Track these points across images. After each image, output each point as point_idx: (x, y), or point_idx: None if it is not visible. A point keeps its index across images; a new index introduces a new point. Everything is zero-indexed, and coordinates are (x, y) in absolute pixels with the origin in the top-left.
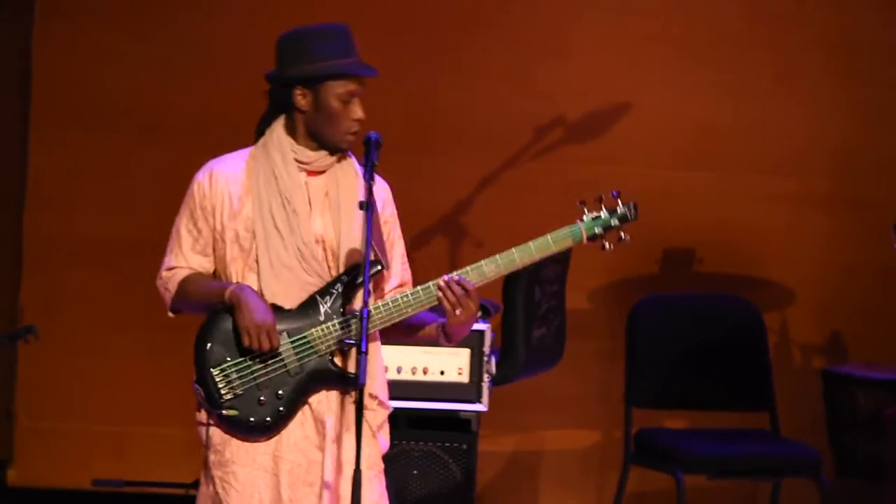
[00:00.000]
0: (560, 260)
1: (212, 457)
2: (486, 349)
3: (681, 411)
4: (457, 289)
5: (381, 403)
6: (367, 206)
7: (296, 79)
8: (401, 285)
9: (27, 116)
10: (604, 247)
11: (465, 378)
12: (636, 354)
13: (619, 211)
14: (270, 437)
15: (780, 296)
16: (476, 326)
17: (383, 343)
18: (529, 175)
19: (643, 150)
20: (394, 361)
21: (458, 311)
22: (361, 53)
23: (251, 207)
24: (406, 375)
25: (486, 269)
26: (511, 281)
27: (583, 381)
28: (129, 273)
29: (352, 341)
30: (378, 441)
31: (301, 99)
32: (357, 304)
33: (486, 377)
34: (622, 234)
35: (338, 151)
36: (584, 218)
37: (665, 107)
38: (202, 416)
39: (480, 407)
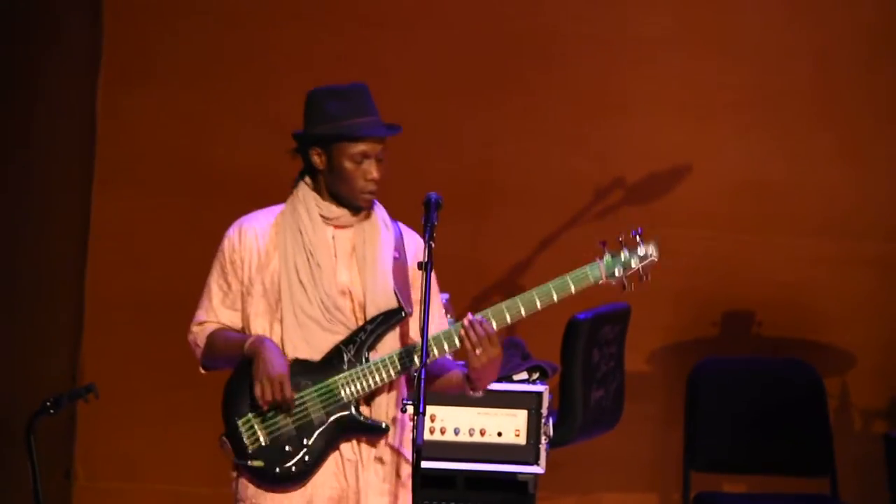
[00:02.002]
0: (619, 321)
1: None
2: (544, 411)
3: (740, 475)
4: (479, 329)
5: (402, 455)
6: (427, 265)
7: (310, 139)
8: None
9: (90, 177)
10: (623, 287)
11: (522, 440)
12: (695, 417)
13: (639, 251)
14: (298, 487)
15: (840, 359)
16: (534, 388)
17: (437, 404)
18: (588, 236)
19: (702, 213)
20: (451, 423)
21: (478, 351)
22: (418, 116)
23: (277, 262)
24: (463, 437)
25: (507, 312)
26: (569, 342)
27: (641, 444)
28: (184, 331)
29: (409, 401)
30: (406, 491)
31: (317, 158)
32: (380, 352)
33: (543, 439)
34: (642, 273)
35: (357, 210)
36: (605, 257)
37: (725, 169)
38: (234, 469)
39: (538, 469)
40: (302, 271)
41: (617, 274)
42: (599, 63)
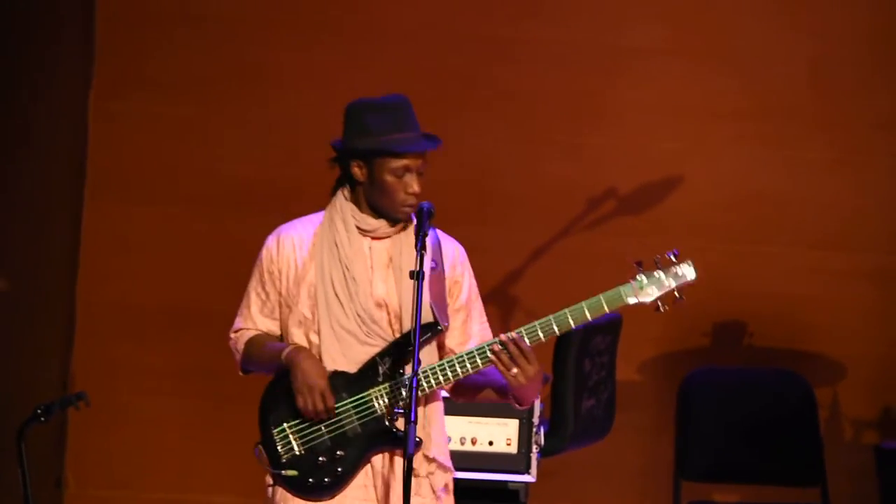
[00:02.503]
0: (610, 331)
1: None
2: (536, 420)
3: (731, 485)
4: (512, 348)
5: (440, 466)
6: (419, 275)
7: (351, 152)
8: None
9: (82, 187)
10: (657, 307)
11: (513, 449)
12: (686, 427)
13: (675, 271)
14: (330, 498)
15: (832, 370)
16: None
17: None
18: (581, 246)
19: (695, 223)
20: None
21: (513, 371)
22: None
23: (314, 274)
24: (454, 445)
25: (540, 330)
26: (561, 351)
27: (632, 453)
28: (180, 342)
29: (400, 410)
30: (442, 503)
31: (357, 171)
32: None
33: (534, 448)
34: (677, 294)
35: (396, 222)
36: (639, 277)
37: (718, 179)
38: (269, 477)
39: (529, 478)
40: (338, 285)
41: (651, 294)
42: (594, 72)
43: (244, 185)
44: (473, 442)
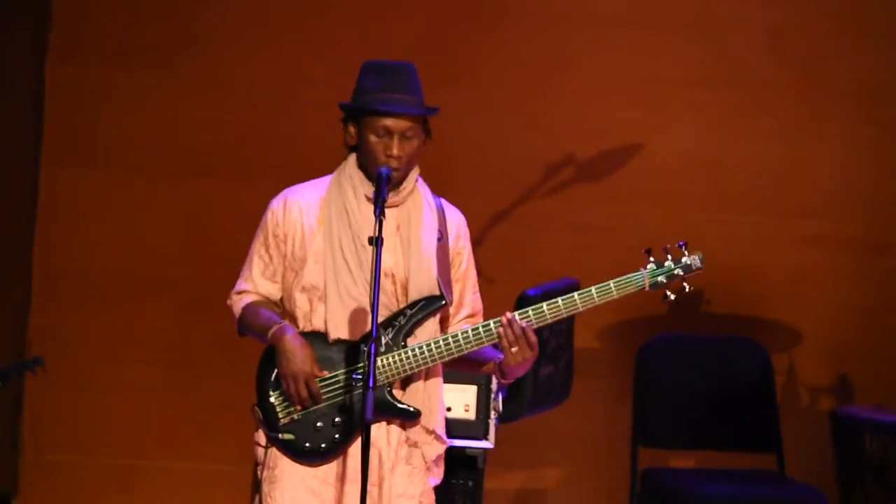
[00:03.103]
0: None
1: (264, 473)
2: (494, 387)
3: (688, 451)
4: (517, 328)
5: (437, 437)
6: (377, 241)
7: (345, 114)
8: (471, 315)
9: (38, 153)
10: (665, 296)
11: (471, 415)
12: (644, 394)
13: (683, 261)
14: (324, 463)
15: (788, 337)
16: None
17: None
18: (541, 213)
19: (654, 191)
20: None
21: (514, 350)
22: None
23: (322, 240)
24: None
25: (547, 312)
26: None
27: (590, 420)
28: (137, 308)
29: (358, 376)
30: (430, 474)
31: (348, 134)
32: (419, 337)
33: (493, 415)
34: (685, 284)
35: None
36: (648, 266)
37: (678, 148)
38: (260, 436)
39: (487, 444)
40: (347, 252)
41: (660, 281)
42: (551, 39)
43: (203, 152)
44: None
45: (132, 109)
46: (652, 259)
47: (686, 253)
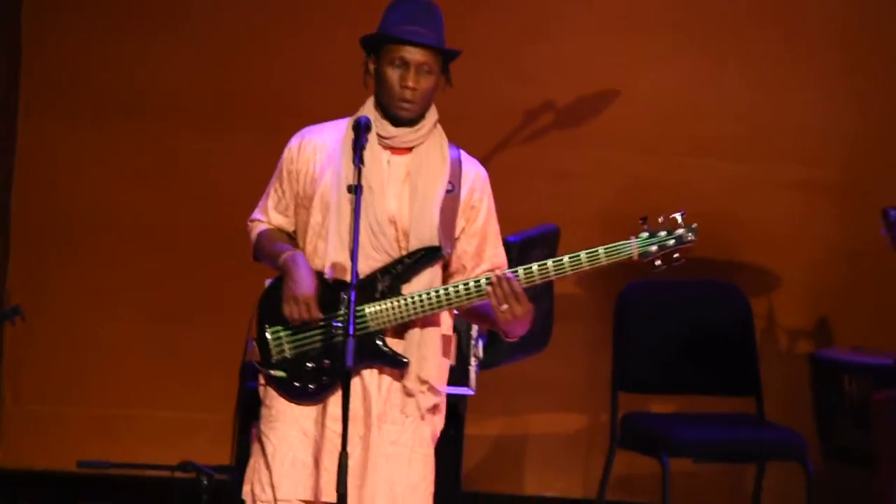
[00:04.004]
0: (548, 244)
1: (263, 411)
2: (474, 333)
3: (667, 396)
4: (506, 287)
5: (431, 388)
6: (357, 189)
7: (366, 46)
8: (491, 270)
9: (16, 101)
10: (654, 265)
11: (452, 362)
12: (624, 339)
13: (676, 232)
14: (313, 403)
15: (768, 281)
16: None
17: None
18: (519, 159)
19: (633, 137)
20: None
21: (503, 308)
22: (347, 41)
23: (329, 180)
24: None
25: (537, 273)
26: None
27: (570, 366)
28: (118, 256)
29: (339, 323)
30: (425, 424)
31: (370, 67)
32: (414, 286)
33: (473, 361)
34: (677, 255)
35: (400, 123)
36: (641, 234)
37: (657, 93)
38: (261, 377)
39: (467, 391)
40: (360, 194)
41: (651, 251)
42: None
43: (180, 97)
44: None
45: (109, 55)
46: (646, 227)
47: (681, 223)
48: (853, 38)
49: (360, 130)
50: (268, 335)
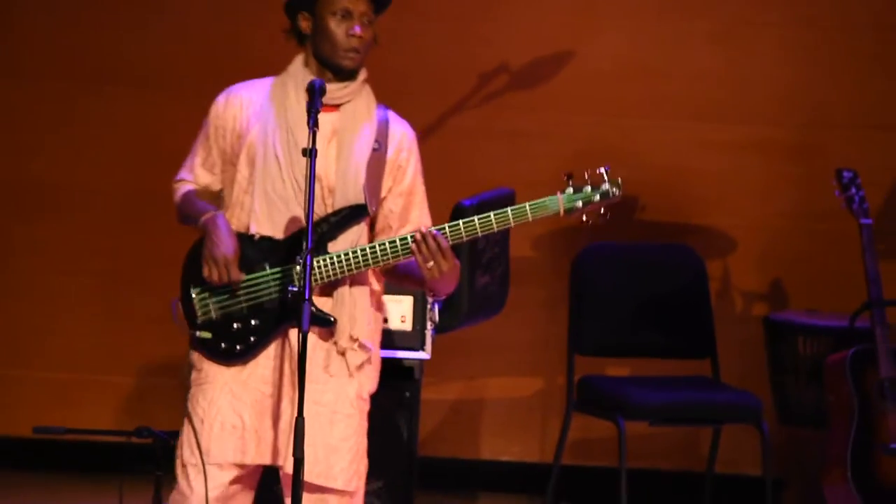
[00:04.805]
0: (503, 206)
1: (193, 374)
2: (430, 297)
3: (623, 359)
4: (431, 243)
5: (361, 346)
6: (311, 152)
7: (295, 3)
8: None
9: None
10: (583, 219)
11: (408, 326)
12: (579, 302)
13: (602, 187)
14: (241, 364)
15: (723, 243)
16: None
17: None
18: (476, 122)
19: (588, 98)
20: None
21: (429, 265)
22: None
23: (255, 135)
24: None
25: (463, 229)
26: None
27: (526, 329)
28: (75, 220)
29: (294, 288)
30: (355, 381)
31: (304, 23)
32: (340, 245)
33: (429, 325)
34: (603, 210)
35: (343, 73)
36: (567, 190)
37: (608, 54)
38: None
39: (423, 355)
40: (280, 149)
41: (577, 206)
42: None
43: (137, 62)
44: None
45: (67, 20)
46: (571, 183)
47: (606, 179)
48: (815, 3)
49: (315, 93)
50: (193, 296)
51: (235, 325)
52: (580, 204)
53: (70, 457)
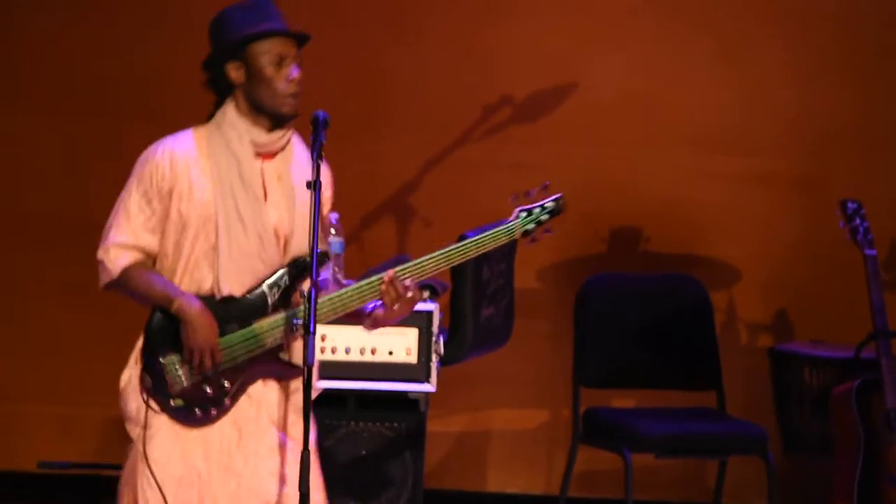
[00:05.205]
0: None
1: (137, 430)
2: (435, 329)
3: (628, 390)
4: (400, 287)
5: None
6: (315, 185)
7: (224, 54)
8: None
9: None
10: (533, 240)
11: (413, 359)
12: (584, 334)
13: (547, 206)
14: (212, 424)
15: (727, 274)
16: (424, 307)
17: (327, 324)
18: (479, 154)
19: (590, 129)
20: (342, 342)
21: (396, 307)
22: (307, 26)
23: (210, 192)
24: (355, 356)
25: (426, 266)
26: None
27: (531, 361)
28: (76, 252)
29: (299, 321)
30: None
31: (234, 73)
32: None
33: (434, 357)
34: (548, 228)
35: (282, 120)
36: (519, 215)
37: (611, 85)
38: (135, 397)
39: (429, 387)
40: (241, 204)
41: (529, 229)
42: None
43: (137, 93)
44: (373, 352)
45: (65, 51)
46: (520, 207)
47: (549, 197)
48: (818, 30)
49: (320, 126)
50: (165, 366)
51: (208, 390)
52: (532, 227)
53: (75, 491)
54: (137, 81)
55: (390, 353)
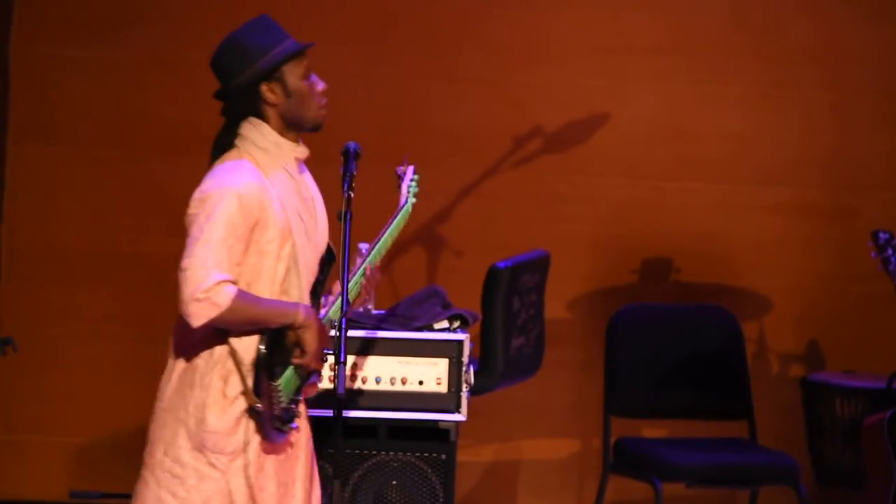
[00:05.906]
0: (538, 269)
1: (248, 462)
2: (465, 359)
3: (659, 420)
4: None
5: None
6: (346, 216)
7: (257, 77)
8: None
9: (5, 130)
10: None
11: (443, 388)
12: (615, 364)
13: (415, 175)
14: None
15: (758, 305)
16: (455, 336)
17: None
18: (509, 185)
19: (622, 161)
20: (373, 371)
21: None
22: (333, 63)
23: (283, 217)
24: (385, 386)
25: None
26: (489, 290)
27: (562, 391)
28: (109, 286)
29: (329, 352)
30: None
31: (270, 94)
32: (321, 309)
33: (464, 387)
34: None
35: (313, 130)
36: (410, 188)
37: (644, 117)
38: (237, 429)
39: (459, 417)
40: (307, 222)
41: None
42: (516, 8)
43: (170, 128)
44: (403, 382)
45: (99, 85)
46: (400, 182)
47: (408, 169)
48: (832, 56)
49: (350, 158)
50: (273, 389)
51: (293, 406)
52: (414, 197)
53: None
54: (170, 118)
55: (420, 382)
